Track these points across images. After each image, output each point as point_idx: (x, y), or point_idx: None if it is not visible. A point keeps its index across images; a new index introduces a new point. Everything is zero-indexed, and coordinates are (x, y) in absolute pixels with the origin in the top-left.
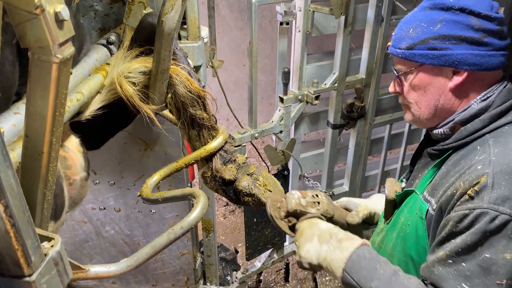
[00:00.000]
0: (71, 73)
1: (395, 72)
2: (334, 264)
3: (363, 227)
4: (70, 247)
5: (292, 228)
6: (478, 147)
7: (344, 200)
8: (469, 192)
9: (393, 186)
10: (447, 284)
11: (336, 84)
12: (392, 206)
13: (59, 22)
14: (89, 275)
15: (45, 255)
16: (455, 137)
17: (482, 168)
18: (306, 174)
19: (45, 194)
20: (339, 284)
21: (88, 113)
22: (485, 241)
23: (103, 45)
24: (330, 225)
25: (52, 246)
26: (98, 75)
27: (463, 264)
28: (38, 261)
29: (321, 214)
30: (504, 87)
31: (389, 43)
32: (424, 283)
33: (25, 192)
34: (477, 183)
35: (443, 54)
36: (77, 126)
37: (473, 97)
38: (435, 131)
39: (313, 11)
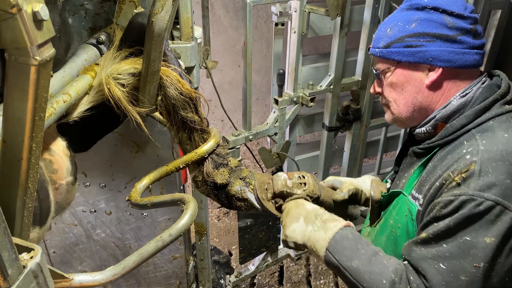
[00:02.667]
0: (52, 76)
1: (374, 71)
2: (318, 244)
3: (349, 204)
4: (60, 250)
5: (279, 209)
6: (465, 142)
7: (330, 179)
8: (456, 178)
9: (379, 187)
10: (425, 263)
11: (331, 86)
12: (378, 207)
13: (38, 22)
14: (73, 284)
15: (24, 267)
16: (441, 134)
17: (470, 157)
18: None
19: (25, 202)
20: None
21: (76, 115)
22: (468, 225)
23: (93, 44)
24: (316, 206)
25: (31, 257)
26: (87, 76)
27: (444, 245)
28: (15, 274)
29: (307, 195)
30: (483, 83)
31: (370, 45)
32: (404, 263)
33: (3, 200)
34: (466, 171)
35: (418, 51)
36: (65, 127)
37: (451, 94)
38: (418, 131)
39: (309, 12)
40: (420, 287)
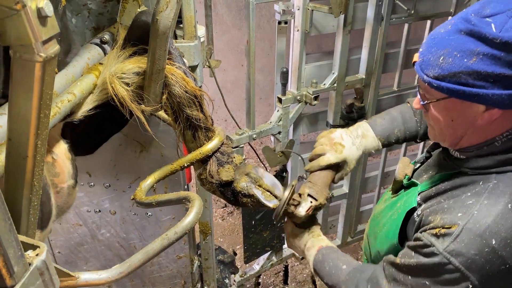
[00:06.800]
0: (56, 72)
1: (419, 97)
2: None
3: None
4: (65, 250)
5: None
6: (481, 183)
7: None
8: (437, 230)
9: (405, 168)
10: (393, 282)
11: (335, 84)
12: (400, 184)
13: (42, 18)
14: (79, 282)
15: (29, 264)
16: (470, 166)
17: (460, 216)
18: (305, 176)
19: (31, 200)
20: None
21: (81, 114)
22: (430, 274)
23: (96, 44)
24: (310, 243)
25: (37, 254)
26: (91, 75)
27: (409, 277)
28: (21, 271)
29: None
30: None
31: (415, 59)
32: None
33: (9, 198)
34: (448, 227)
35: (476, 92)
36: (70, 130)
37: (498, 132)
38: (453, 153)
39: (312, 10)
40: None
